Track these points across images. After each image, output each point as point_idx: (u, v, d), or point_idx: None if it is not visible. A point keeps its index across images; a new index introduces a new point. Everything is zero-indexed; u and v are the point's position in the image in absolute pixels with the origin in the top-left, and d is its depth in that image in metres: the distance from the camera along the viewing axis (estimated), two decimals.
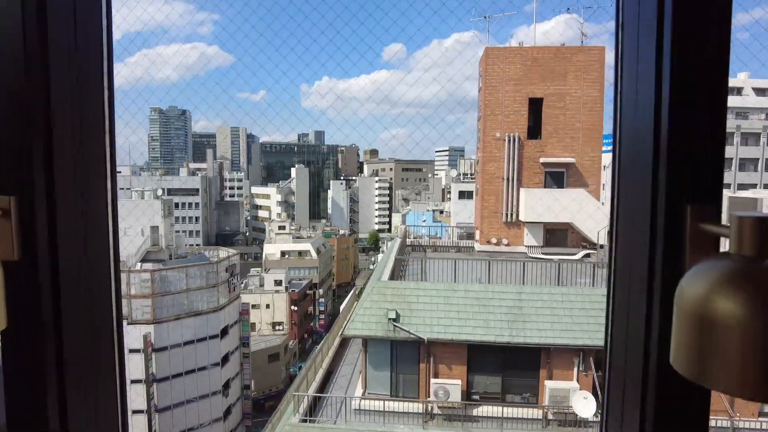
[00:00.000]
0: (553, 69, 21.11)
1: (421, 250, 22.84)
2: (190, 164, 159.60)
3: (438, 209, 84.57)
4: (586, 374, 12.45)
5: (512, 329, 12.57)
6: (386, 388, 13.16)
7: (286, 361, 61.09)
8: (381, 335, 12.67)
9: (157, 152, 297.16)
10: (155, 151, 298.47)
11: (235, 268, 46.17)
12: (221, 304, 42.29)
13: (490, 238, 21.52)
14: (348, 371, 16.68)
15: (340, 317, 25.12)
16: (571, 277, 15.22)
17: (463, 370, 12.88)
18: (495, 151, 21.51)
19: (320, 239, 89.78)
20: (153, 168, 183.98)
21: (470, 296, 13.15)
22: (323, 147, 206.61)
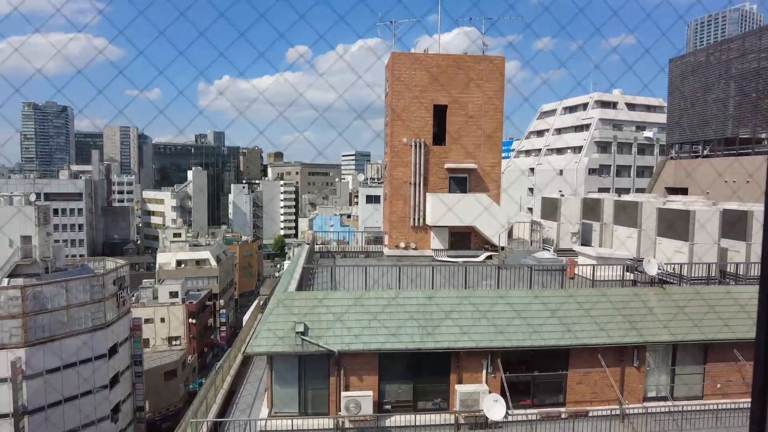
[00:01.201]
0: (457, 77, 21.67)
1: (329, 257, 22.26)
2: (72, 166, 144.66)
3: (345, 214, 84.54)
4: (494, 376, 12.68)
5: (423, 335, 12.45)
6: (294, 406, 12.42)
7: (185, 377, 57.22)
8: (288, 350, 11.92)
9: (32, 152, 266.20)
10: (30, 151, 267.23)
11: (124, 279, 42.21)
12: (109, 320, 38.43)
13: (399, 243, 21.53)
14: (252, 390, 15.64)
15: (244, 330, 23.76)
16: (477, 279, 15.55)
17: (374, 380, 12.52)
18: (402, 156, 21.59)
19: (220, 246, 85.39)
20: (27, 170, 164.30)
21: (381, 303, 12.85)
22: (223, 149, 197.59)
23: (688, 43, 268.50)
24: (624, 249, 17.99)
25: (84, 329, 36.60)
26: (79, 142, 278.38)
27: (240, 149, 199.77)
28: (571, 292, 13.83)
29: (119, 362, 40.34)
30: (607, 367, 12.90)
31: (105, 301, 38.25)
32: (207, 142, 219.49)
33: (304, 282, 14.94)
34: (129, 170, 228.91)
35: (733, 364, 13.67)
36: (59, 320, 35.41)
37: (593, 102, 66.38)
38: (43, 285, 35.46)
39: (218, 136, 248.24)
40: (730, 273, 15.68)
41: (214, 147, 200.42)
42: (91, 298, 37.19)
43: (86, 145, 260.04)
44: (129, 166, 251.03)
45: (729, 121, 23.98)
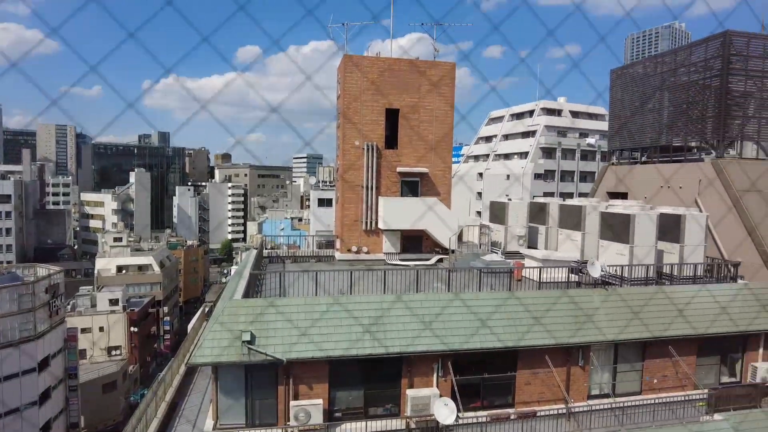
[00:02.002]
0: (408, 81, 21.75)
1: (279, 262, 21.72)
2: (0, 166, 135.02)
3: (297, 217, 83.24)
4: (445, 379, 12.69)
5: (374, 340, 12.30)
6: (241, 417, 11.93)
7: (126, 389, 54.45)
8: (234, 360, 11.44)
9: None
10: None
11: (58, 287, 39.61)
12: (39, 331, 35.91)
13: (351, 247, 21.32)
14: (196, 401, 14.95)
15: (188, 338, 22.78)
16: (428, 283, 15.58)
17: (324, 388, 12.24)
18: (354, 159, 21.42)
19: (164, 251, 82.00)
20: None
21: (331, 309, 12.59)
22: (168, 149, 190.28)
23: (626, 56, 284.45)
24: (569, 251, 18.58)
25: (11, 341, 34.04)
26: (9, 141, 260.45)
27: (186, 150, 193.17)
28: (518, 294, 14.09)
29: (51, 376, 37.76)
30: (553, 367, 13.21)
31: (35, 311, 35.73)
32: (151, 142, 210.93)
33: (251, 288, 14.45)
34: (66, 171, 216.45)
35: (668, 360, 14.35)
36: None
37: (539, 109, 68.77)
38: None
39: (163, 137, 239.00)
40: (666, 274, 16.49)
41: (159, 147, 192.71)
42: (19, 308, 34.64)
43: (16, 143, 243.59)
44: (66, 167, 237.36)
45: (663, 130, 25.32)
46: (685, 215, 16.60)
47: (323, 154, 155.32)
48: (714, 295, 15.08)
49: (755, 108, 22.13)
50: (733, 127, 21.72)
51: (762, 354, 15.65)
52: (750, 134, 21.98)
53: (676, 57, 24.92)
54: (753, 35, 21.93)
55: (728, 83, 21.54)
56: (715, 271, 17.03)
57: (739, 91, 21.83)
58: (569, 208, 19.58)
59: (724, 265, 17.15)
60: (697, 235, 16.56)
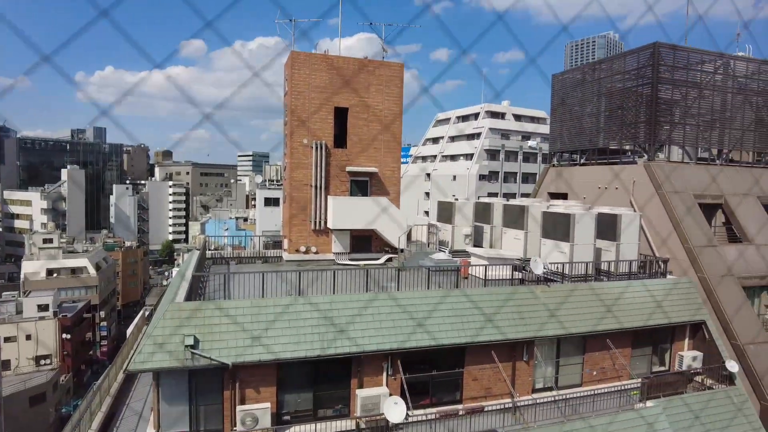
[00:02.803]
0: (358, 80, 21.69)
1: (223, 263, 21.06)
2: None
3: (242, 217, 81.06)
4: (394, 378, 12.73)
5: (323, 341, 12.16)
6: (185, 424, 11.45)
7: (56, 400, 51.09)
8: (176, 365, 10.97)
9: None
10: None
11: None
12: None
13: (299, 247, 21.00)
14: (136, 410, 14.24)
15: (126, 344, 21.68)
16: (378, 282, 15.60)
17: (272, 391, 11.97)
18: (302, 157, 21.11)
19: (101, 253, 77.69)
20: None
21: (278, 311, 12.33)
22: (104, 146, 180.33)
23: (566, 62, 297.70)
24: (512, 250, 19.15)
25: None
26: None
27: (124, 147, 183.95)
28: (465, 292, 14.36)
29: None
30: (499, 363, 13.56)
31: None
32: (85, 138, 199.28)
33: (194, 291, 13.92)
34: None
35: (606, 352, 15.10)
36: None
37: (484, 112, 70.62)
38: None
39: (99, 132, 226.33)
40: (604, 271, 17.34)
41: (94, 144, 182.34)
42: None
43: None
44: None
45: (600, 133, 26.60)
46: (620, 215, 17.51)
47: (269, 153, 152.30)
48: (647, 289, 16.00)
49: (680, 115, 23.68)
50: (662, 132, 23.14)
51: (687, 343, 16.78)
52: (677, 139, 23.50)
53: (612, 64, 26.26)
54: (678, 47, 23.47)
55: (657, 91, 22.92)
56: (647, 267, 18.07)
57: (667, 99, 23.29)
58: (513, 207, 20.18)
59: (655, 261, 18.24)
60: (631, 234, 17.51)
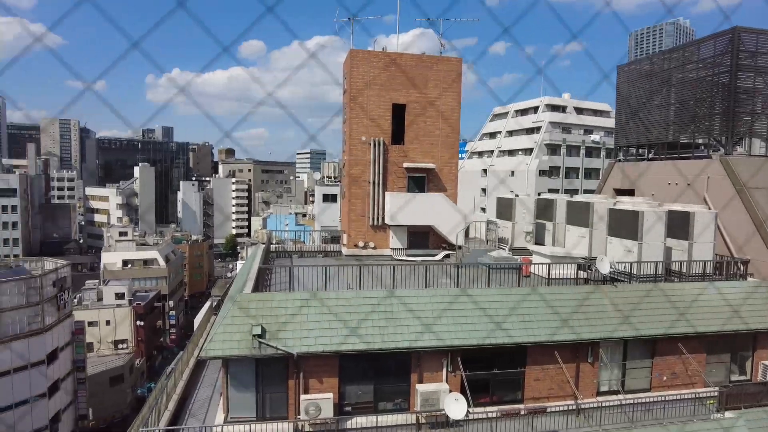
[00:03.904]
0: (415, 76, 21.71)
1: (286, 257, 21.79)
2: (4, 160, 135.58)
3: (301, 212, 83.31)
4: (454, 374, 12.74)
5: (383, 335, 12.35)
6: (251, 411, 12.02)
7: (132, 382, 54.80)
8: (244, 353, 11.52)
9: None
10: None
11: (65, 281, 39.84)
12: (47, 324, 36.18)
13: (357, 242, 21.35)
14: (206, 394, 15.06)
15: (196, 332, 22.91)
16: (436, 278, 15.61)
17: (334, 382, 12.31)
18: (361, 154, 21.42)
19: (169, 246, 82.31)
20: None
21: (340, 303, 12.65)
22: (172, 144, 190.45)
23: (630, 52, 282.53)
24: (576, 248, 18.57)
25: (20, 334, 34.30)
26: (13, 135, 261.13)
27: (190, 145, 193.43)
28: (527, 290, 14.11)
29: (59, 369, 38.04)
30: (563, 363, 13.24)
31: (43, 304, 35.98)
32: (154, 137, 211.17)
33: (260, 283, 14.51)
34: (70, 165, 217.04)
35: (677, 357, 14.36)
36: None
37: (543, 105, 68.55)
38: None
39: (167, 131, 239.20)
40: (675, 271, 16.47)
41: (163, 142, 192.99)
42: (27, 301, 34.89)
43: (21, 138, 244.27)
44: (70, 161, 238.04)
45: (670, 127, 25.22)
46: (693, 212, 16.56)
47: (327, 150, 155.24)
48: (723, 292, 15.07)
49: (763, 105, 22.00)
50: (742, 123, 21.60)
51: None
52: (759, 131, 21.86)
53: (684, 53, 24.78)
54: (761, 31, 21.78)
55: (737, 80, 21.41)
56: (724, 268, 16.99)
57: (748, 88, 21.70)
58: (577, 204, 19.55)
59: (733, 262, 17.12)
60: (706, 232, 16.52)
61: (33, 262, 42.97)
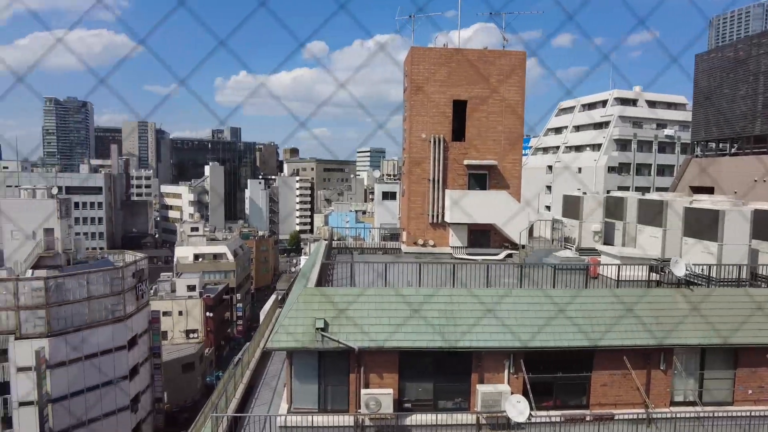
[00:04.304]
0: (477, 71, 21.37)
1: (347, 253, 22.19)
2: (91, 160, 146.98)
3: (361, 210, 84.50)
4: (516, 376, 12.48)
5: (444, 333, 12.30)
6: (314, 402, 12.37)
7: (202, 370, 57.88)
8: (308, 346, 11.87)
9: (53, 147, 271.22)
10: (51, 145, 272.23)
11: (143, 273, 42.77)
12: (128, 312, 39.00)
13: (417, 240, 21.36)
14: (272, 383, 15.67)
15: (262, 324, 23.85)
16: (498, 278, 15.32)
17: (394, 378, 12.41)
18: (421, 152, 21.40)
19: (237, 241, 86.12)
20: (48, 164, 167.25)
21: (401, 300, 12.73)
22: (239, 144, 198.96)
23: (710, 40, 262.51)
24: (648, 249, 17.59)
25: (104, 321, 37.19)
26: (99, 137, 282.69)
27: (256, 145, 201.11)
28: (595, 292, 13.55)
29: (138, 354, 40.93)
30: (632, 370, 12.61)
31: (124, 294, 38.79)
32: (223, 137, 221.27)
33: (323, 278, 14.88)
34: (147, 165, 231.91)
35: (765, 369, 13.27)
36: (80, 311, 36.03)
37: (612, 99, 65.30)
38: (65, 277, 36.09)
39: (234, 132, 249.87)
40: (762, 275, 15.22)
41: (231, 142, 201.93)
42: (111, 291, 37.75)
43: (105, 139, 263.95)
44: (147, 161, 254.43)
45: (757, 119, 23.29)
46: None
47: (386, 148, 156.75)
48: None
49: None
50: None
51: None
52: None
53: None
54: None
55: None
56: None
57: None
58: (649, 202, 18.50)
59: None
60: None
61: (115, 255, 46.44)
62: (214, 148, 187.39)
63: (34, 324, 34.13)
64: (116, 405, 37.79)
